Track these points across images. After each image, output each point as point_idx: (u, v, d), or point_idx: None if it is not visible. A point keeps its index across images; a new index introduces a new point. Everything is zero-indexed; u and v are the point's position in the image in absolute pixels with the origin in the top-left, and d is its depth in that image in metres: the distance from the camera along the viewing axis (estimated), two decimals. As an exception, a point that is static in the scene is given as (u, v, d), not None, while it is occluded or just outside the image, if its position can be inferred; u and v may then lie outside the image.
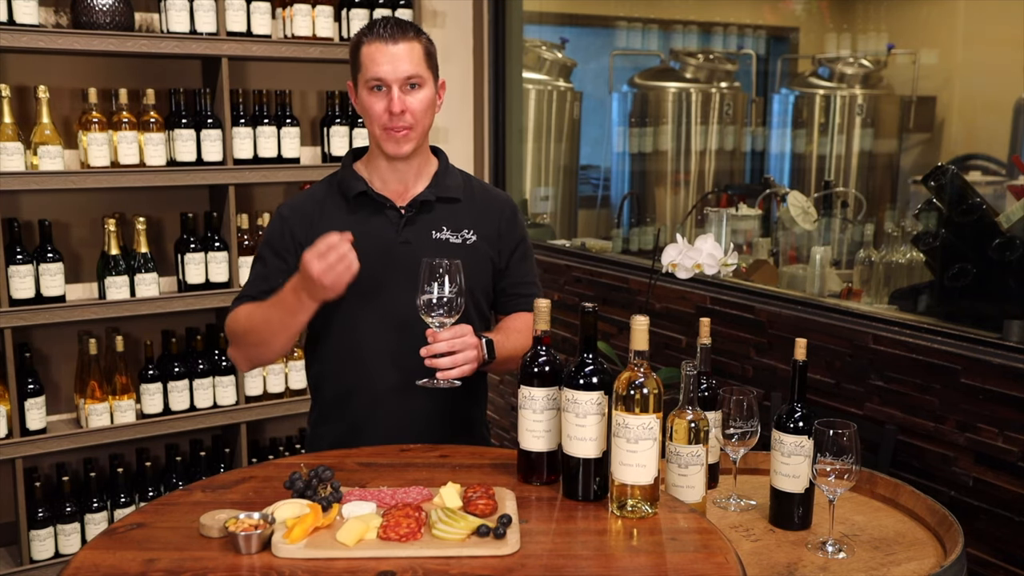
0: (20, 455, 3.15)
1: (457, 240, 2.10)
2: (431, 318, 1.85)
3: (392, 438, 2.02)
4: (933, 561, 1.75)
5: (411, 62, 1.98)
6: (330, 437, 2.12)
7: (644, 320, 1.61)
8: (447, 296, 1.83)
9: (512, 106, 4.23)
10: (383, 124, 2.01)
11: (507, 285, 2.19)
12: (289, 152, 3.51)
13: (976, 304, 2.65)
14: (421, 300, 1.84)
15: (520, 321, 2.16)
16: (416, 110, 2.01)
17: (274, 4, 3.48)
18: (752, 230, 3.81)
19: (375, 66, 1.98)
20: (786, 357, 2.83)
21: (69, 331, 3.37)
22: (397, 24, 2.00)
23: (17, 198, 3.25)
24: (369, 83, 2.00)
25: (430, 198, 2.10)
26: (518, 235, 2.21)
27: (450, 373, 1.87)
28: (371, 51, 1.99)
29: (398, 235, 2.07)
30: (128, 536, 1.54)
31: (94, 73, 3.35)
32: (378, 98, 2.00)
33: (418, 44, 2.01)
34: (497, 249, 2.16)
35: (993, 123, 4.06)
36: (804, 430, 1.80)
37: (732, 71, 5.01)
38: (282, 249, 2.10)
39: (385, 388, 2.06)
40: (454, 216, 2.12)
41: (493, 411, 4.37)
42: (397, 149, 2.03)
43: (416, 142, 2.05)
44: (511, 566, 1.43)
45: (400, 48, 1.98)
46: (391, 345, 2.05)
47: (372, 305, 2.06)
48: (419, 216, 2.09)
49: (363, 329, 2.07)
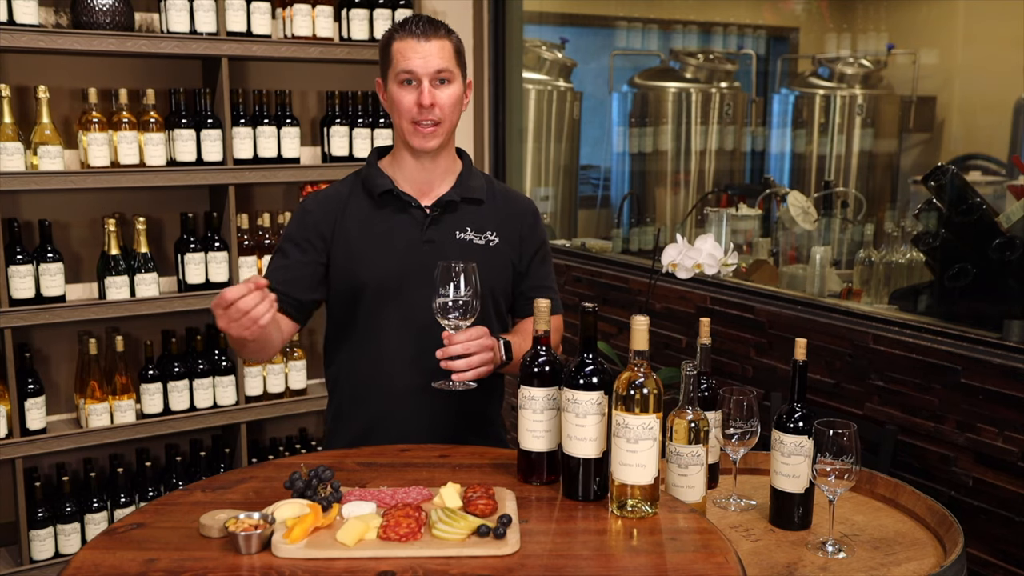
0: (20, 455, 3.15)
1: (480, 241, 2.11)
2: (447, 320, 1.85)
3: (410, 436, 2.03)
4: (933, 561, 1.75)
5: (442, 58, 2.00)
6: (348, 434, 2.13)
7: (644, 320, 1.61)
8: (462, 299, 1.84)
9: (512, 106, 4.22)
10: (412, 117, 2.02)
11: (527, 288, 2.19)
12: (289, 152, 3.51)
13: (976, 304, 2.65)
14: (437, 303, 1.84)
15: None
16: (445, 105, 2.02)
17: (274, 4, 3.48)
18: (752, 230, 3.81)
19: (406, 60, 1.99)
20: (786, 357, 2.83)
21: (69, 331, 3.37)
22: (429, 22, 2.03)
23: (17, 198, 3.24)
24: (400, 76, 2.01)
25: (455, 198, 2.11)
26: (539, 239, 2.22)
27: (465, 375, 1.87)
28: (402, 46, 2.00)
29: (422, 234, 2.08)
30: (128, 536, 1.54)
31: (94, 73, 3.35)
32: (408, 91, 2.01)
33: (448, 42, 2.03)
34: (519, 252, 2.17)
35: (993, 123, 4.06)
36: (804, 430, 1.80)
37: (732, 71, 5.01)
38: (304, 240, 2.09)
39: (404, 386, 2.07)
40: (478, 217, 2.13)
41: (493, 411, 4.37)
42: (424, 143, 2.03)
43: (443, 138, 2.06)
44: (511, 566, 1.43)
45: (432, 44, 1.99)
46: (412, 343, 2.06)
47: (394, 303, 2.07)
48: (444, 216, 2.10)
49: (384, 327, 2.08)
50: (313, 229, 2.10)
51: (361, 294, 2.08)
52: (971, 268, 2.68)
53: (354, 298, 2.09)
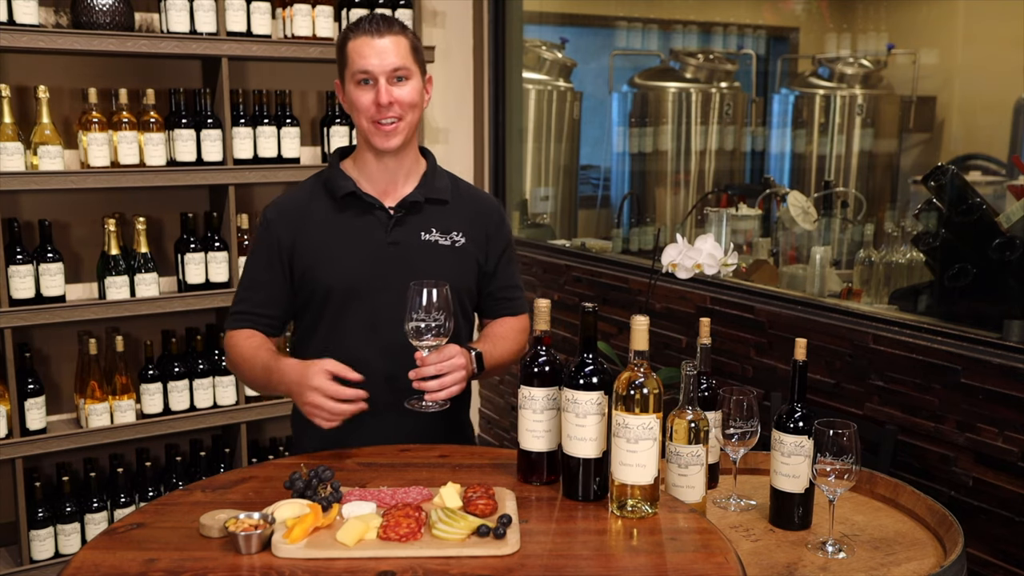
0: (20, 455, 3.15)
1: (446, 242, 2.09)
2: (420, 342, 1.82)
3: (379, 442, 2.01)
4: (933, 561, 1.75)
5: (398, 55, 1.98)
6: (315, 440, 2.08)
7: (644, 320, 1.61)
8: (435, 323, 1.81)
9: (512, 106, 4.23)
10: (371, 117, 2.00)
11: (495, 289, 2.19)
12: (289, 152, 3.51)
13: (976, 304, 2.65)
14: (409, 327, 1.81)
15: (506, 327, 2.16)
16: (404, 102, 2.00)
17: (274, 4, 3.48)
18: (752, 230, 3.81)
19: (362, 59, 1.97)
20: (786, 357, 2.83)
21: (69, 331, 3.37)
22: (383, 19, 2.00)
23: (17, 198, 3.25)
24: (356, 76, 1.99)
25: (419, 199, 2.09)
26: (506, 238, 2.21)
27: (438, 395, 1.85)
28: (357, 45, 1.98)
29: (387, 236, 2.06)
30: (128, 536, 1.54)
31: (94, 73, 3.35)
32: (365, 91, 1.99)
33: (404, 38, 2.01)
34: (485, 252, 2.15)
35: (993, 123, 4.05)
36: (804, 430, 1.80)
37: (732, 71, 5.00)
38: (268, 257, 2.09)
39: (373, 389, 2.05)
40: (443, 218, 2.11)
41: (493, 411, 4.37)
42: (385, 142, 2.01)
43: (404, 136, 2.03)
44: (511, 566, 1.43)
45: (386, 41, 1.97)
46: (379, 346, 2.03)
47: (360, 307, 2.05)
48: (408, 217, 2.08)
49: (350, 330, 2.06)
50: (275, 243, 2.08)
51: (327, 298, 2.06)
52: (971, 268, 2.68)
53: (320, 302, 2.07)
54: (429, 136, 4.11)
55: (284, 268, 2.08)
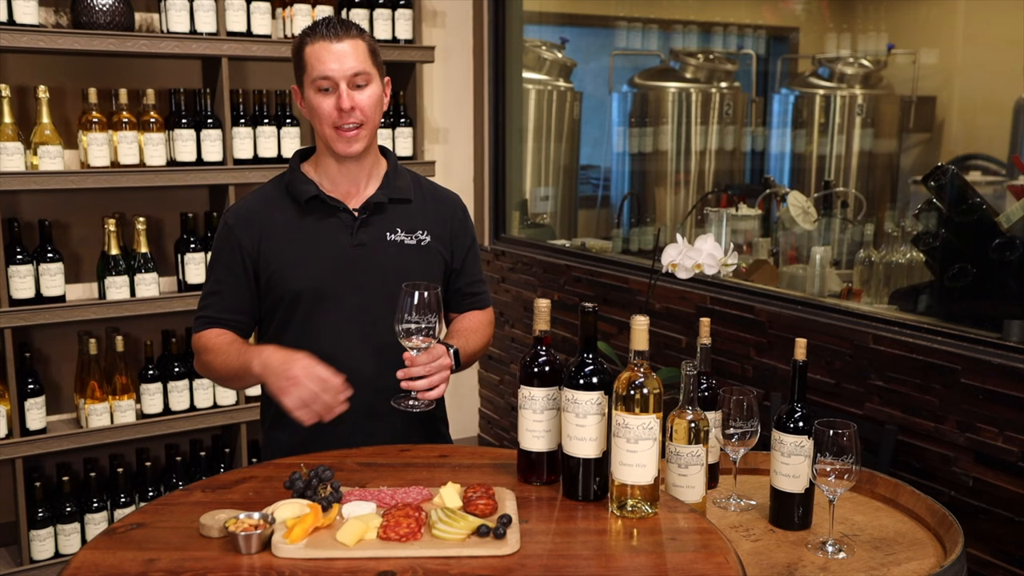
0: (20, 455, 3.15)
1: (412, 241, 2.09)
2: (410, 342, 1.83)
3: (352, 442, 1.99)
4: (933, 561, 1.75)
5: (357, 59, 1.96)
6: (287, 443, 2.06)
7: (644, 320, 1.61)
8: (425, 324, 1.82)
9: (512, 106, 4.23)
10: (333, 123, 1.98)
11: (462, 285, 2.20)
12: (289, 152, 3.50)
13: (976, 304, 2.65)
14: (400, 328, 1.82)
15: (475, 320, 2.18)
16: (365, 107, 1.98)
17: (274, 4, 3.48)
18: (752, 230, 3.81)
19: (321, 65, 1.95)
20: (786, 357, 2.83)
21: (69, 331, 3.37)
22: (340, 23, 1.99)
23: (17, 198, 3.25)
24: (316, 82, 1.97)
25: (383, 200, 2.08)
26: (470, 234, 2.22)
27: (428, 395, 1.85)
28: (316, 50, 1.96)
29: (352, 238, 2.05)
30: (128, 536, 1.54)
31: (94, 73, 3.35)
32: (327, 97, 1.97)
33: (362, 42, 1.99)
34: (451, 249, 2.16)
35: (993, 123, 4.05)
36: (804, 430, 1.80)
37: (732, 71, 5.00)
38: (230, 261, 2.07)
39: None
40: (407, 217, 2.10)
41: (493, 411, 4.37)
42: (348, 148, 2.00)
43: (366, 141, 2.02)
44: (511, 566, 1.43)
45: (345, 45, 1.96)
46: (350, 349, 2.02)
47: (328, 310, 2.04)
48: (372, 218, 2.07)
49: (320, 334, 2.04)
50: (236, 248, 2.05)
51: (295, 302, 2.04)
52: (971, 268, 2.68)
53: (288, 306, 2.05)
54: (429, 136, 4.11)
55: (248, 272, 2.06)
